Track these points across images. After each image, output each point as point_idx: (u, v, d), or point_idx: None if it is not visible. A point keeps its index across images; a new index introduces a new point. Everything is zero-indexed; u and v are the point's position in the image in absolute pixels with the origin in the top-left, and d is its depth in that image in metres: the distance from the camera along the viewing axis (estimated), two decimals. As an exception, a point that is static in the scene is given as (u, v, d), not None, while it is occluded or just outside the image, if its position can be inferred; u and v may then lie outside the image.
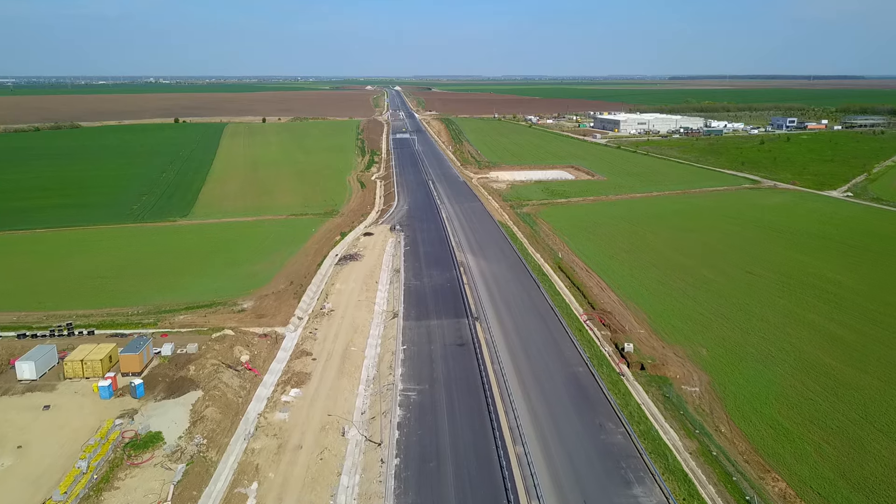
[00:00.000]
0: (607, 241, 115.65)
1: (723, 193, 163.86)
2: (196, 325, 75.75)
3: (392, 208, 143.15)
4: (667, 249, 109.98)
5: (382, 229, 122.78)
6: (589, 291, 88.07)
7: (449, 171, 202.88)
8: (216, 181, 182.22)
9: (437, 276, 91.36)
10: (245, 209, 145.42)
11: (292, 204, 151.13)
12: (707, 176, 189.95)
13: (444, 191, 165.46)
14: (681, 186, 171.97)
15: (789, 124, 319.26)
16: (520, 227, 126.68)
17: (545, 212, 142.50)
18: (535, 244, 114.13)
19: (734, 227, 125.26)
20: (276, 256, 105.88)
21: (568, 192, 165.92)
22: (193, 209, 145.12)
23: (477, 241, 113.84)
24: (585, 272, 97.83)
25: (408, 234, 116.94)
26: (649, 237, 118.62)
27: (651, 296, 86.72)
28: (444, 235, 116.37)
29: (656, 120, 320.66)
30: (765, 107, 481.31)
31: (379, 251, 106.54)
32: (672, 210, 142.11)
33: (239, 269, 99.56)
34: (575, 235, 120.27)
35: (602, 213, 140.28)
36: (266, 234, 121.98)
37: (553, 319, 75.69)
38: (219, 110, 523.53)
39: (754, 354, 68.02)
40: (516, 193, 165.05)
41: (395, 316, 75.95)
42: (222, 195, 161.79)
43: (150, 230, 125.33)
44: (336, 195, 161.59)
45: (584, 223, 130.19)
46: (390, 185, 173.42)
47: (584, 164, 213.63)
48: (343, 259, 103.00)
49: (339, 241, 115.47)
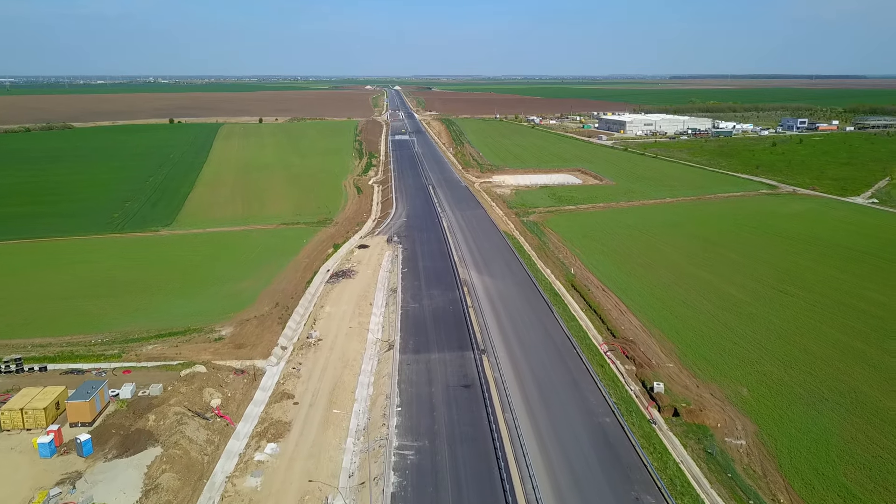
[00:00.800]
0: (622, 254, 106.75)
1: (740, 200, 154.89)
2: (166, 358, 66.84)
3: (390, 216, 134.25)
4: (687, 263, 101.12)
5: (379, 241, 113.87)
6: (607, 315, 79.15)
7: (450, 175, 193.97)
8: (205, 186, 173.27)
9: (437, 297, 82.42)
10: (233, 217, 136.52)
11: (284, 211, 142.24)
12: (721, 180, 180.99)
13: (445, 197, 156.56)
14: (695, 192, 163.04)
15: (800, 125, 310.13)
16: (527, 238, 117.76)
17: (553, 220, 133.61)
18: (544, 258, 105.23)
19: (757, 238, 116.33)
20: (263, 272, 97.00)
21: (576, 198, 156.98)
22: (178, 217, 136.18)
23: (481, 254, 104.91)
24: (601, 291, 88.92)
25: (406, 247, 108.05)
26: (666, 249, 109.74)
27: (676, 320, 77.83)
28: (445, 248, 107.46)
29: (663, 121, 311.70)
30: (771, 107, 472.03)
31: (374, 267, 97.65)
32: (688, 218, 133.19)
33: (221, 287, 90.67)
34: (587, 247, 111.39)
35: (614, 221, 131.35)
36: (254, 245, 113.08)
37: (570, 352, 66.75)
38: (215, 111, 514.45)
39: (803, 395, 59.10)
40: (521, 200, 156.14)
41: (391, 347, 67.02)
42: (210, 202, 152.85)
43: (128, 242, 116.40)
44: (331, 202, 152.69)
45: (596, 233, 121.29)
46: (388, 191, 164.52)
47: (591, 167, 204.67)
48: (335, 276, 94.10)
49: (331, 254, 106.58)
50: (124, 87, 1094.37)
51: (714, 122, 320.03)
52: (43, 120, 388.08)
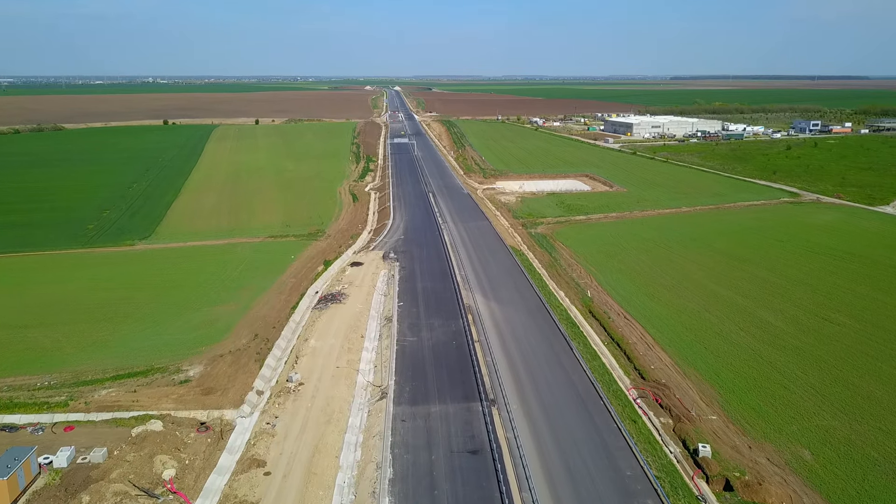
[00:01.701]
0: (641, 273, 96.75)
1: (762, 209, 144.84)
2: (119, 407, 56.86)
3: (387, 228, 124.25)
4: (714, 284, 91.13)
5: (374, 257, 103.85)
6: (633, 350, 69.16)
7: (451, 181, 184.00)
8: (191, 193, 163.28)
9: (438, 329, 72.37)
10: (218, 229, 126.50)
11: (273, 222, 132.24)
12: (739, 187, 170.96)
13: (447, 206, 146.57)
14: (712, 200, 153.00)
15: (812, 128, 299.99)
16: (535, 254, 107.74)
17: (563, 232, 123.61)
18: (556, 278, 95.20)
19: (788, 254, 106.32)
20: (244, 295, 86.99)
21: (586, 206, 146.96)
22: (158, 229, 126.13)
23: (487, 273, 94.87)
24: (623, 318, 78.91)
25: (403, 265, 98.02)
26: (689, 267, 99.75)
27: (712, 356, 67.85)
28: (446, 266, 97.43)
29: (671, 123, 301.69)
30: (779, 108, 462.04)
31: (368, 289, 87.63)
32: (709, 230, 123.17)
33: (195, 313, 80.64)
34: (602, 265, 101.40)
35: (629, 234, 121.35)
36: (237, 262, 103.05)
37: (596, 403, 56.72)
38: (212, 111, 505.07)
39: (879, 462, 49.12)
40: (528, 208, 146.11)
41: (384, 396, 56.98)
42: (195, 211, 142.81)
43: (99, 258, 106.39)
44: (324, 211, 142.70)
45: (611, 248, 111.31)
46: (386, 199, 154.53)
47: (599, 172, 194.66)
48: (324, 300, 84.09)
49: (321, 272, 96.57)
50: (122, 88, 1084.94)
51: (723, 125, 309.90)
52: (34, 121, 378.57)
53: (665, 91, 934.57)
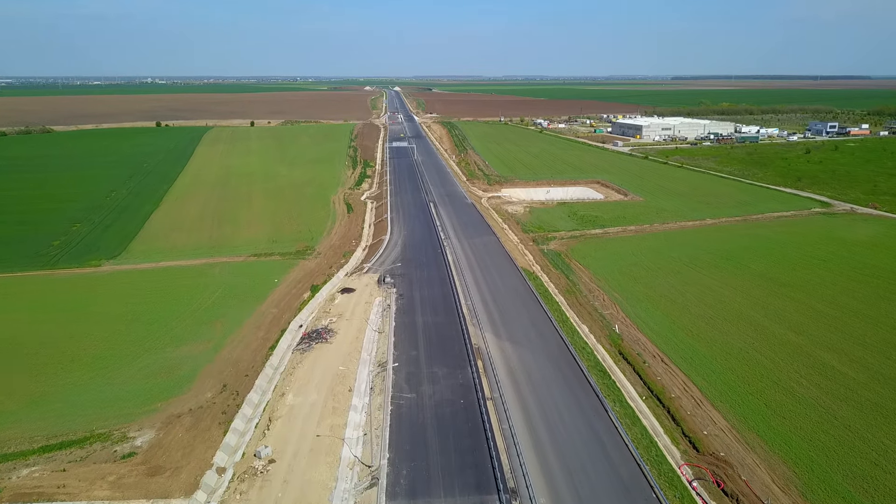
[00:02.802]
0: (673, 301, 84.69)
1: (793, 221, 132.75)
2: (40, 495, 44.93)
3: (383, 245, 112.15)
4: (760, 316, 79.08)
5: (368, 281, 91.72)
6: (678, 408, 57.08)
7: (453, 188, 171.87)
8: (173, 203, 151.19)
9: (443, 381, 60.19)
10: (197, 246, 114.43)
11: (258, 237, 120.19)
12: (763, 196, 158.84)
13: (449, 218, 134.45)
14: (738, 210, 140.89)
15: (829, 130, 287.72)
16: (550, 277, 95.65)
17: (578, 249, 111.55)
18: (576, 307, 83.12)
19: (834, 277, 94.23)
20: (216, 330, 74.99)
21: (601, 218, 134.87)
22: (131, 246, 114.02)
23: (497, 303, 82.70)
24: (660, 363, 66.86)
25: (401, 292, 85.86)
26: (726, 293, 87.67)
27: (776, 416, 55.83)
28: (450, 293, 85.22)
29: (682, 125, 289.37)
30: (790, 109, 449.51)
31: (359, 323, 75.52)
32: (741, 247, 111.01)
33: (156, 355, 68.61)
34: (627, 290, 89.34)
35: (652, 251, 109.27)
36: (213, 287, 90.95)
37: (643, 490, 44.65)
38: (208, 113, 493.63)
39: None
40: (538, 220, 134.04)
41: (374, 482, 44.87)
42: (174, 224, 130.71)
43: (57, 282, 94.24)
44: (315, 223, 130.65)
45: (634, 268, 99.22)
46: (383, 209, 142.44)
47: (611, 178, 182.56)
48: (308, 338, 72.02)
49: (307, 301, 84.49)
50: (118, 88, 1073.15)
51: (736, 127, 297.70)
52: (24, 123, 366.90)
53: (668, 91, 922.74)
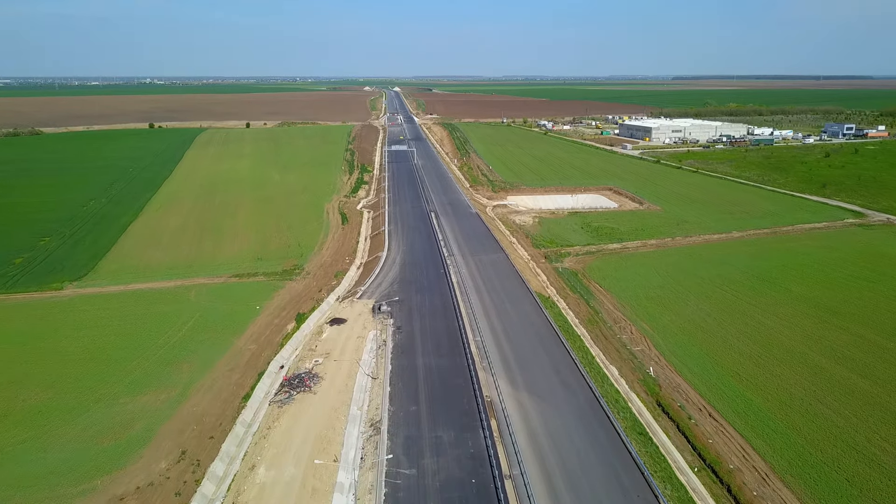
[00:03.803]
0: (712, 334, 73.71)
1: (826, 234, 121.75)
2: None
3: (380, 263, 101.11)
4: (815, 353, 68.16)
5: (361, 309, 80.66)
6: (740, 486, 46.12)
7: (456, 196, 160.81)
8: (154, 213, 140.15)
9: (449, 451, 48.98)
10: (173, 264, 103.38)
11: (243, 253, 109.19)
12: (789, 204, 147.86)
13: (452, 230, 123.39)
14: (765, 222, 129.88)
15: (846, 132, 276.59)
16: (569, 303, 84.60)
17: (596, 267, 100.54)
18: (601, 342, 72.11)
19: (889, 302, 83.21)
20: (182, 373, 64.03)
21: (618, 230, 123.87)
22: (101, 264, 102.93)
23: (510, 339, 71.57)
24: (708, 417, 55.87)
25: (399, 324, 74.74)
26: (772, 324, 76.68)
27: (866, 500, 44.84)
28: (456, 327, 73.96)
29: (693, 127, 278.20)
30: (800, 110, 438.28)
31: (349, 365, 64.48)
32: (776, 266, 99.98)
33: (105, 409, 57.65)
34: (656, 319, 78.37)
35: (678, 269, 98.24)
36: (185, 316, 79.92)
37: None
38: (204, 113, 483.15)
39: None
40: (549, 233, 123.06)
41: None
42: (152, 237, 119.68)
43: (9, 309, 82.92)
44: (306, 237, 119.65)
45: (661, 291, 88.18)
46: (380, 220, 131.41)
47: (624, 185, 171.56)
48: (289, 384, 61.01)
49: (290, 333, 73.50)
50: (116, 89, 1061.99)
51: (749, 129, 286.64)
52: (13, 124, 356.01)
53: (670, 91, 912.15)
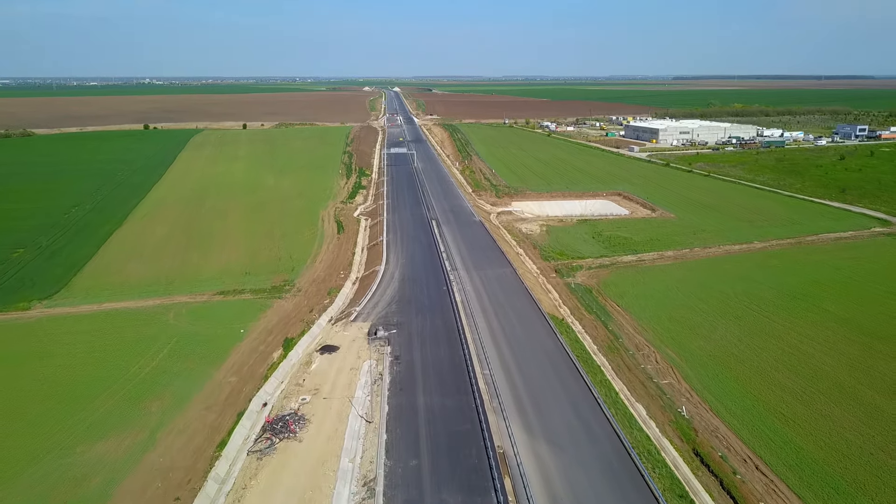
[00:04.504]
0: (747, 364, 66.01)
1: (854, 244, 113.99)
2: None
3: (377, 279, 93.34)
4: (866, 388, 60.53)
5: (356, 334, 72.90)
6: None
7: (458, 202, 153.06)
8: (139, 221, 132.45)
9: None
10: (154, 279, 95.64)
11: (230, 266, 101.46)
12: (810, 211, 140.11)
13: (454, 241, 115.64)
14: (787, 230, 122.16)
15: (859, 133, 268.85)
16: (585, 326, 76.84)
17: (612, 283, 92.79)
18: (624, 374, 64.33)
19: (938, 325, 75.51)
20: (150, 414, 56.33)
21: (631, 240, 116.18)
22: (74, 280, 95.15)
23: (523, 373, 63.65)
24: (756, 471, 48.16)
25: (397, 354, 66.92)
26: (812, 351, 68.98)
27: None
28: (462, 359, 65.89)
29: (701, 128, 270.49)
30: (807, 111, 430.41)
31: (340, 406, 56.72)
32: (807, 281, 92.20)
33: (57, 460, 49.95)
34: (683, 345, 70.66)
35: (701, 285, 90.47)
36: (161, 342, 72.21)
37: None
38: (200, 114, 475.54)
39: None
40: (558, 243, 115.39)
41: None
42: (134, 248, 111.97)
43: (-34, 334, 75.44)
44: (299, 247, 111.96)
45: (684, 312, 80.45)
46: (378, 229, 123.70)
47: (634, 190, 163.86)
48: (271, 430, 53.22)
49: (276, 363, 65.76)
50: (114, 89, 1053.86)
51: (758, 130, 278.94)
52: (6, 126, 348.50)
53: (673, 92, 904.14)
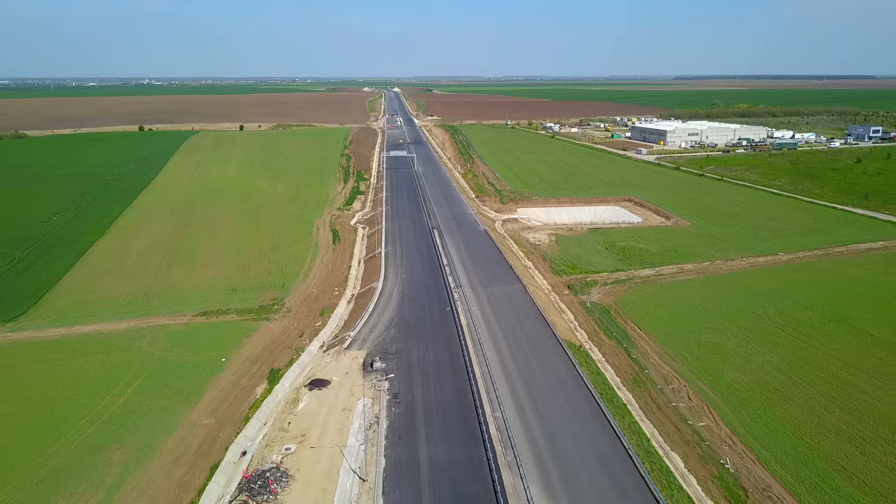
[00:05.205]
0: (792, 402, 58.20)
1: (887, 257, 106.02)
2: None
3: (374, 297, 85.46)
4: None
5: (349, 365, 65.05)
6: None
7: (461, 209, 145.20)
8: (122, 231, 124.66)
9: None
10: (132, 297, 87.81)
11: (215, 282, 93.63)
12: (833, 219, 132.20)
13: (458, 252, 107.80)
14: (813, 241, 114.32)
15: (873, 134, 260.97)
16: (605, 353, 68.98)
17: (630, 301, 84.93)
18: (654, 414, 56.44)
19: None
20: (109, 467, 48.53)
21: (647, 251, 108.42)
22: (45, 299, 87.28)
23: (541, 415, 55.62)
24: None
25: (396, 391, 59.03)
26: (863, 384, 61.19)
27: None
28: (470, 400, 57.85)
29: (710, 130, 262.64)
30: (814, 111, 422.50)
31: (330, 457, 48.89)
32: (844, 298, 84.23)
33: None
34: (717, 377, 62.84)
35: (727, 304, 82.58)
36: (132, 373, 64.39)
37: None
38: (197, 115, 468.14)
39: None
40: (569, 255, 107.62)
41: None
42: (114, 262, 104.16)
43: (-86, 365, 67.58)
44: (291, 260, 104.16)
45: (714, 335, 72.60)
46: (376, 240, 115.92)
47: (645, 195, 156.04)
48: (248, 491, 45.39)
49: (260, 400, 57.92)
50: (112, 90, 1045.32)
51: (769, 131, 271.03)
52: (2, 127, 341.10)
53: (675, 92, 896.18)
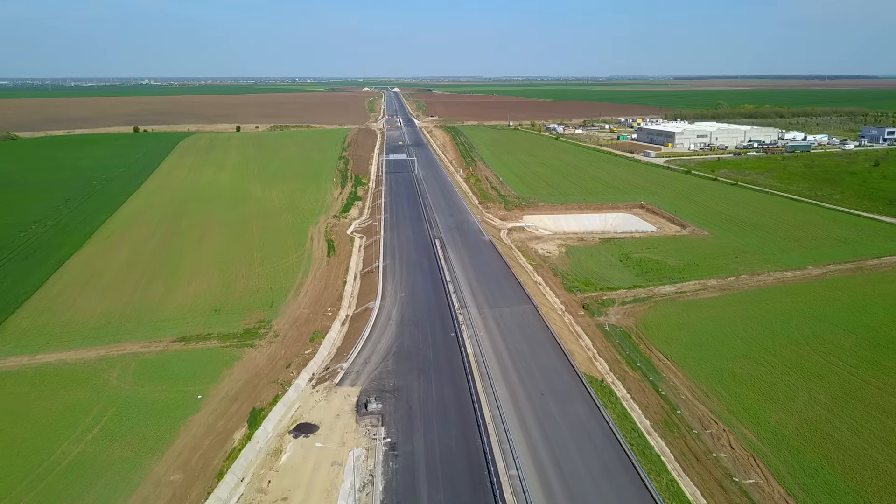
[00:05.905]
0: (848, 451, 50.55)
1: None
2: None
3: (371, 319, 77.70)
4: None
5: (341, 405, 57.23)
6: None
7: (464, 216, 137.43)
8: (102, 243, 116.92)
9: None
10: (105, 319, 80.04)
11: (198, 300, 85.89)
12: (861, 228, 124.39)
13: (462, 267, 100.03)
14: (841, 252, 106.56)
15: (888, 136, 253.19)
16: (630, 389, 61.19)
17: (653, 323, 77.18)
18: (692, 468, 48.69)
19: None
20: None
21: (665, 264, 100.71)
22: (9, 321, 79.45)
23: (563, 474, 47.62)
24: None
25: (393, 440, 51.16)
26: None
27: None
28: (480, 455, 49.92)
29: (720, 132, 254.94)
30: (822, 111, 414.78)
31: (317, 531, 41.05)
32: (887, 323, 76.40)
33: None
34: (759, 417, 55.15)
35: (760, 326, 74.86)
36: (95, 415, 56.67)
37: None
38: (194, 116, 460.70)
39: None
40: (581, 268, 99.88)
41: None
42: (89, 277, 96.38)
43: None
44: (281, 275, 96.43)
45: (749, 366, 64.87)
46: (374, 252, 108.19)
47: (657, 201, 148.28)
48: (214, 575, 37.55)
49: (237, 450, 50.18)
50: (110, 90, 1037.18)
51: (780, 133, 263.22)
52: None
53: (677, 92, 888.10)
